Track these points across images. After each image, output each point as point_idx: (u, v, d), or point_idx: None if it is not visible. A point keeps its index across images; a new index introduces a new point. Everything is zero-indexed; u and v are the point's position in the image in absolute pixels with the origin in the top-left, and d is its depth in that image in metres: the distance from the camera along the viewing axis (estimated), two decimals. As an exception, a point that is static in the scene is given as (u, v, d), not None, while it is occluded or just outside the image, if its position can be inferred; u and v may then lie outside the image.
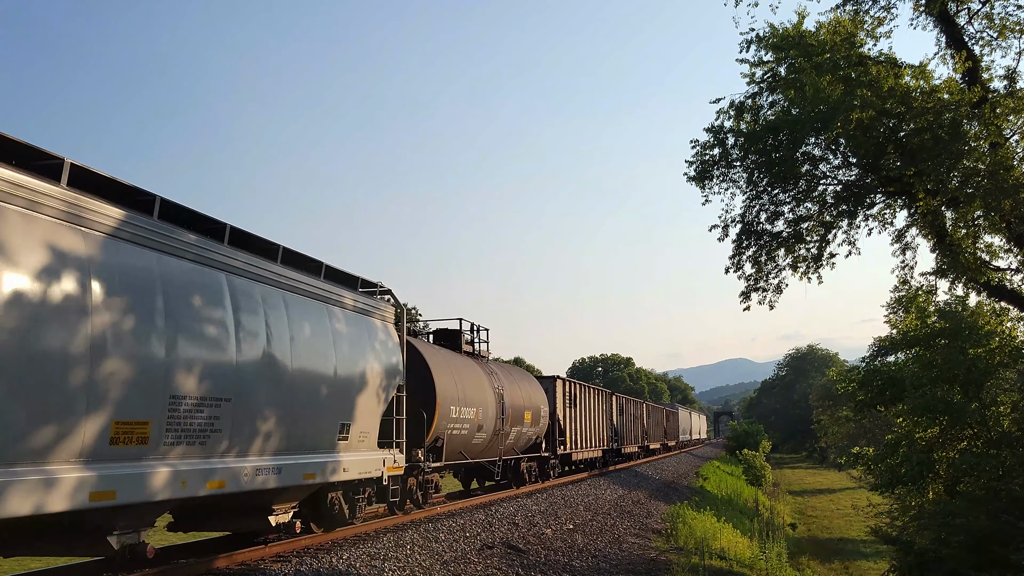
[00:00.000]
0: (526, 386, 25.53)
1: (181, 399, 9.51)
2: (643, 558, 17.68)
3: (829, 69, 15.53)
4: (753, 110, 16.99)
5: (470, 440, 20.20)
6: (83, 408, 8.13)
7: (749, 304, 17.54)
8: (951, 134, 14.83)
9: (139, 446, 8.92)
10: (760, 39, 16.49)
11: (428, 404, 17.62)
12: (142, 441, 8.94)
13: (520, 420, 23.83)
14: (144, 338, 8.98)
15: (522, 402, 24.19)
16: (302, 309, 12.60)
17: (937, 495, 19.31)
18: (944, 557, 16.85)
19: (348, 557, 12.33)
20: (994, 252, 16.28)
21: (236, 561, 11.57)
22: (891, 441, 21.27)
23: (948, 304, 20.48)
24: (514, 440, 23.62)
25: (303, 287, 12.82)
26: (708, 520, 25.94)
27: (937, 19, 15.68)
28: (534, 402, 25.55)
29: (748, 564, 20.79)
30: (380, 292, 16.20)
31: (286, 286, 12.36)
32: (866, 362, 23.11)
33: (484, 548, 14.97)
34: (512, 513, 19.16)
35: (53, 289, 7.92)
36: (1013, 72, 15.38)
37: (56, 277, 7.98)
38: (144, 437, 8.96)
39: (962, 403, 18.45)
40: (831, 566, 30.47)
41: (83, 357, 8.12)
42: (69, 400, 8.00)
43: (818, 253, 17.13)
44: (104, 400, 8.39)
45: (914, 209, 16.06)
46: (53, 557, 8.94)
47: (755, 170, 16.90)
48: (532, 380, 27.25)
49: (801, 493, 59.68)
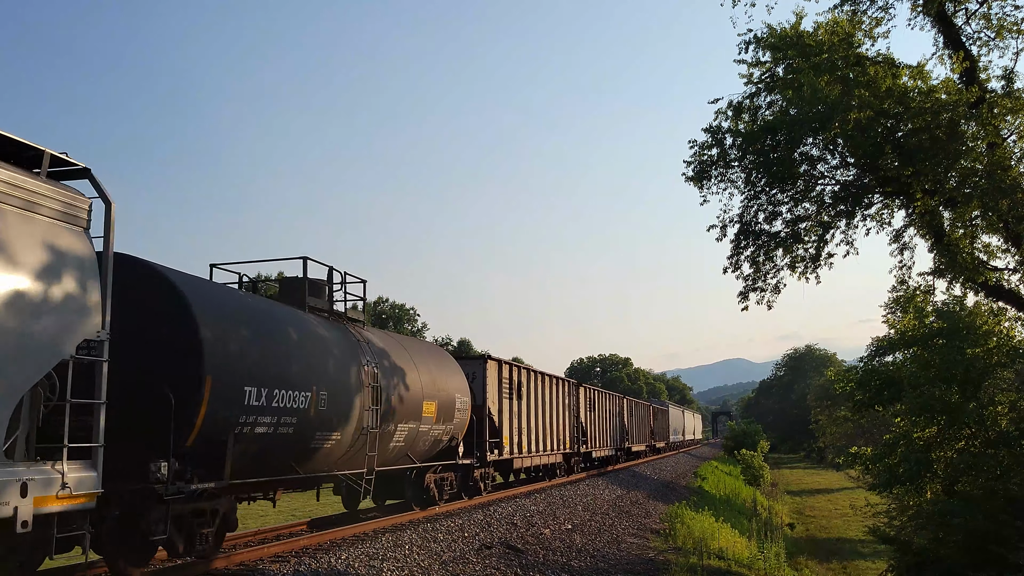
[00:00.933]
0: (433, 367, 18.57)
1: None
2: (641, 558, 17.69)
3: (827, 69, 15.57)
4: (751, 110, 17.03)
5: (304, 442, 13.03)
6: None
7: (747, 304, 17.58)
8: (949, 134, 14.86)
9: None
10: (758, 39, 16.53)
11: (185, 382, 10.34)
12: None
13: (416, 414, 16.98)
14: None
15: (422, 389, 17.34)
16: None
17: (935, 495, 19.31)
18: (942, 557, 16.88)
19: (346, 557, 12.34)
20: (992, 252, 16.32)
21: (234, 562, 11.58)
22: (889, 441, 21.28)
23: (946, 304, 20.49)
24: (406, 443, 16.91)
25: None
26: (706, 520, 25.95)
27: (935, 19, 15.70)
28: (445, 390, 18.63)
29: (746, 564, 20.81)
30: (60, 170, 9.08)
31: None
32: (864, 362, 23.09)
33: (483, 548, 14.97)
34: (510, 513, 19.16)
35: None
36: (1011, 72, 15.41)
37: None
38: None
39: (960, 403, 18.45)
40: (829, 566, 30.47)
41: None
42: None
43: (816, 253, 17.16)
44: None
45: (912, 209, 16.08)
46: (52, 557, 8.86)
47: (753, 170, 16.93)
48: (446, 360, 20.18)
49: (799, 493, 59.68)
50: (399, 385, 16.27)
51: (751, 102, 17.01)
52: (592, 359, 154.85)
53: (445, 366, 19.59)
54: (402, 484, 18.26)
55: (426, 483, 18.58)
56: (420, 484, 18.52)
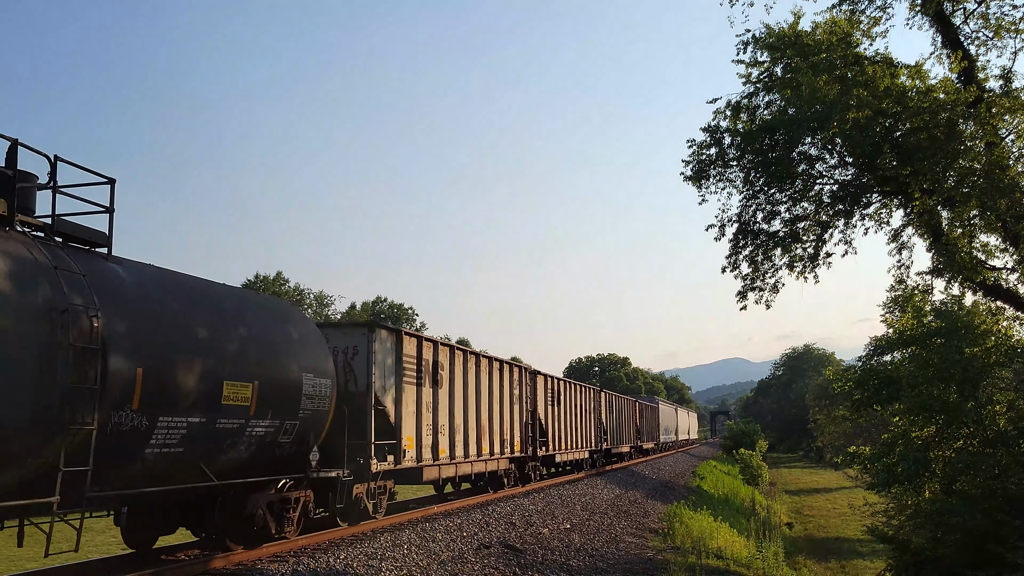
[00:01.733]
0: (256, 329, 12.09)
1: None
2: (640, 557, 17.69)
3: (825, 69, 15.57)
4: (749, 110, 17.03)
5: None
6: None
7: (746, 304, 17.58)
8: (947, 134, 14.88)
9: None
10: (756, 39, 16.54)
11: None
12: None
13: (206, 402, 10.57)
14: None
15: (224, 360, 10.96)
16: None
17: (933, 494, 19.33)
18: (940, 556, 16.91)
19: (345, 557, 12.33)
20: (990, 251, 16.32)
21: (233, 562, 11.56)
22: (887, 440, 21.31)
23: (944, 303, 20.51)
24: (186, 448, 10.40)
25: None
26: (705, 519, 25.96)
27: (933, 19, 15.72)
28: (279, 366, 12.25)
29: (745, 563, 20.82)
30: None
31: None
32: (862, 361, 23.11)
33: (481, 548, 14.97)
34: (509, 513, 19.16)
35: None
36: (1009, 72, 15.44)
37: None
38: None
39: (958, 402, 18.48)
40: (827, 565, 30.48)
41: None
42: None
43: (814, 252, 17.17)
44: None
45: (910, 208, 16.09)
46: (49, 556, 8.87)
47: (751, 170, 16.94)
48: (288, 321, 13.34)
49: (798, 492, 59.70)
50: (168, 351, 9.97)
51: (749, 102, 17.01)
52: (591, 359, 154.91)
53: (284, 330, 12.93)
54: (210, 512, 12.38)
55: (249, 509, 12.32)
56: (236, 512, 12.32)
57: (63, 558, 10.50)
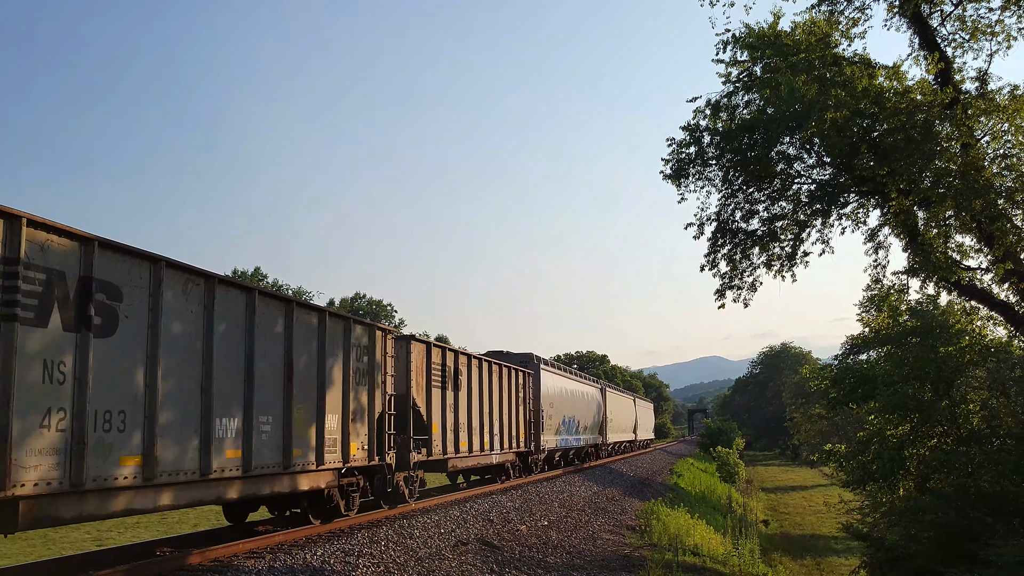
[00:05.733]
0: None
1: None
2: (617, 554, 17.73)
3: (804, 69, 15.66)
4: (729, 109, 17.10)
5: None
6: None
7: (724, 302, 17.66)
8: (923, 134, 15.00)
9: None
10: (736, 39, 16.60)
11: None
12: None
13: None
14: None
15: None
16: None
17: (908, 492, 19.51)
18: (914, 553, 17.04)
19: (322, 553, 12.28)
20: (964, 252, 16.49)
21: (209, 558, 11.49)
22: (863, 438, 21.48)
23: (919, 303, 20.69)
24: None
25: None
26: (682, 517, 26.05)
27: (910, 20, 15.85)
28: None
29: (721, 560, 20.90)
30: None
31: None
32: (839, 360, 23.28)
33: (459, 544, 14.95)
34: (487, 510, 19.15)
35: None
36: (984, 74, 15.60)
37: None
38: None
39: (933, 401, 18.65)
40: (803, 562, 30.70)
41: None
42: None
43: (792, 251, 17.28)
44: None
45: (887, 208, 16.22)
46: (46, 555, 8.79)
47: (731, 169, 17.02)
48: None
49: (774, 490, 60.10)
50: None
51: (729, 101, 17.08)
52: (569, 356, 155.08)
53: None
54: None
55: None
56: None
57: (35, 553, 10.36)
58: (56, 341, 8.62)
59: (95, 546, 14.24)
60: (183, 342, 10.65)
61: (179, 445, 10.45)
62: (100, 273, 9.25)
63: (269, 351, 12.53)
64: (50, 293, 8.62)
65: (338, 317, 15.05)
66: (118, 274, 9.58)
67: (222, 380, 11.33)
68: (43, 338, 8.48)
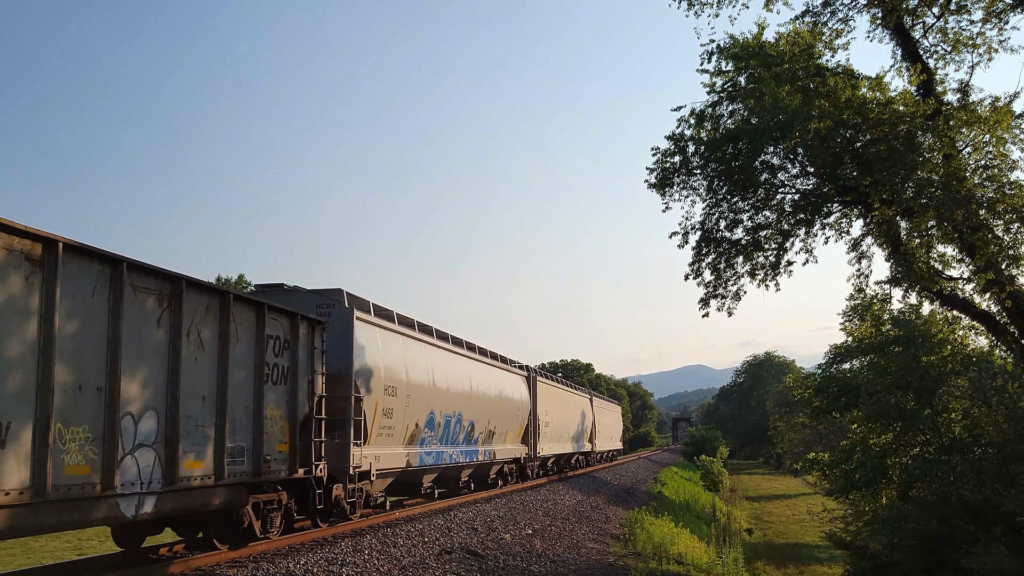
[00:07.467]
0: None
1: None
2: (601, 563, 17.72)
3: (788, 79, 15.73)
4: (713, 119, 17.14)
5: None
6: None
7: (708, 311, 17.67)
8: (906, 145, 15.10)
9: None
10: (721, 49, 16.65)
11: None
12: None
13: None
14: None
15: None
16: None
17: (890, 500, 19.58)
18: (897, 561, 17.10)
19: (305, 562, 12.22)
20: (947, 262, 16.57)
21: (192, 567, 11.42)
22: (846, 447, 21.57)
23: (902, 312, 20.80)
24: None
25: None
26: (666, 525, 26.07)
27: (893, 32, 15.96)
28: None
29: (705, 569, 20.94)
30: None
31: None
32: (822, 369, 23.38)
33: (443, 553, 14.91)
34: (471, 518, 19.11)
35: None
36: (966, 86, 15.72)
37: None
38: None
39: (915, 410, 18.74)
40: (786, 571, 30.78)
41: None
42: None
43: (776, 261, 17.32)
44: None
45: (870, 218, 16.30)
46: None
47: (715, 178, 17.05)
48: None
49: (758, 498, 60.23)
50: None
51: (713, 111, 17.12)
52: (553, 364, 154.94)
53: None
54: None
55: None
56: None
57: (14, 563, 10.26)
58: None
59: (75, 555, 14.10)
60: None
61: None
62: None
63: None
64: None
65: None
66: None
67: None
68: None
